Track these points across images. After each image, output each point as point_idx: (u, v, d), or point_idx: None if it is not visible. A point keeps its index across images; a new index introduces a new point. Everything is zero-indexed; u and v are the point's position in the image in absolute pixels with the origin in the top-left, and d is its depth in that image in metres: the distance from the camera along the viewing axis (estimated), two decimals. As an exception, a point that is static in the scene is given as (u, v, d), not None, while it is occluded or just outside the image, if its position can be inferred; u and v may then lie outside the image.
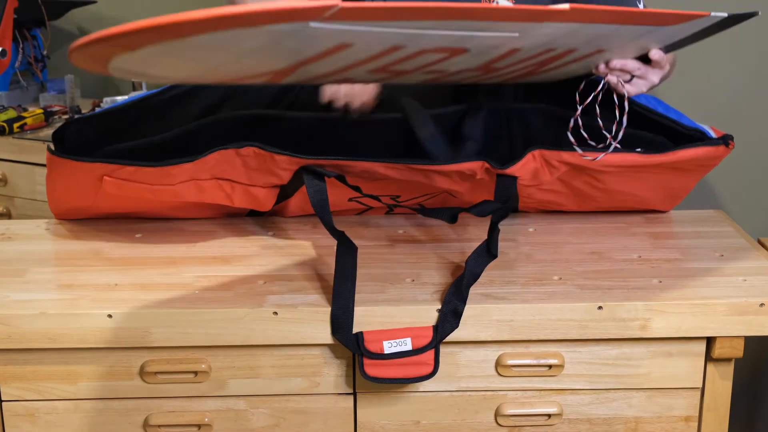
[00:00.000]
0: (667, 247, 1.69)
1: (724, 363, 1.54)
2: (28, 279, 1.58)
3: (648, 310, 1.48)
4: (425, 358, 1.48)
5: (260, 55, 1.24)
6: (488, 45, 1.36)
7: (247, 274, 1.59)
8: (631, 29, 1.42)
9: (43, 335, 1.47)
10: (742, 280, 1.55)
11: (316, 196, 1.55)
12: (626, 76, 1.56)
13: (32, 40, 2.92)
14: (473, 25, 1.27)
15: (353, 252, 1.51)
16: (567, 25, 1.33)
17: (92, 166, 1.60)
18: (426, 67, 1.42)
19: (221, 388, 1.54)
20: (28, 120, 2.65)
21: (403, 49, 1.31)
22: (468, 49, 1.36)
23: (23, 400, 1.54)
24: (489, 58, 1.42)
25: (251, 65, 1.29)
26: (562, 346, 1.53)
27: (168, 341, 1.48)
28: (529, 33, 1.32)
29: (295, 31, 1.16)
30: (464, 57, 1.39)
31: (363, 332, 1.47)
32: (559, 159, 1.60)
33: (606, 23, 1.36)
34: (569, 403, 1.56)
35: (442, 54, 1.36)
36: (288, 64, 1.31)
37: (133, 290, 1.53)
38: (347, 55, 1.31)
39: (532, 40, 1.36)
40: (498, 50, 1.39)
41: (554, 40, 1.38)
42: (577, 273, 1.59)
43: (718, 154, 1.63)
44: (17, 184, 2.62)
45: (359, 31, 1.22)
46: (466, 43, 1.32)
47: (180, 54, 1.18)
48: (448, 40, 1.30)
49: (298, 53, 1.27)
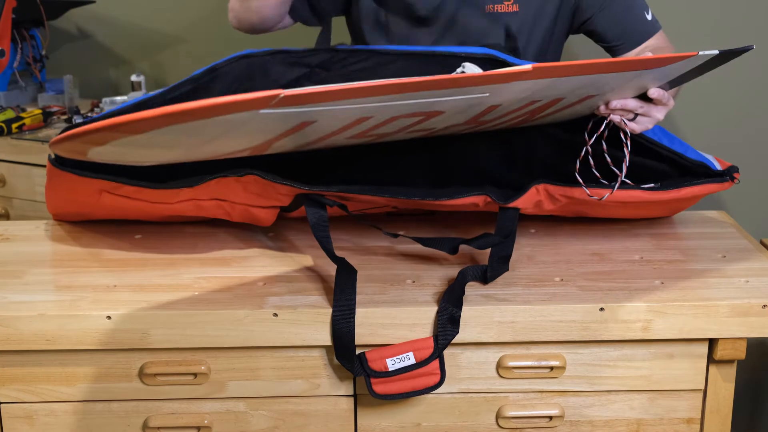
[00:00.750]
0: (669, 248, 1.68)
1: (726, 365, 1.54)
2: (26, 280, 1.57)
3: (650, 312, 1.48)
4: (431, 369, 1.48)
5: (228, 137, 1.25)
6: (462, 106, 1.34)
7: (246, 276, 1.58)
8: (616, 75, 1.40)
9: (42, 337, 1.47)
10: (745, 282, 1.55)
11: (317, 225, 1.55)
12: (629, 114, 1.54)
13: (31, 40, 2.91)
14: (435, 93, 1.25)
15: (353, 276, 1.50)
16: (538, 81, 1.31)
17: (93, 181, 1.60)
18: (409, 128, 1.42)
19: (221, 390, 1.53)
20: (26, 120, 2.64)
21: (372, 118, 1.31)
22: (443, 111, 1.35)
23: (21, 402, 1.54)
24: (469, 116, 1.42)
25: (225, 145, 1.30)
26: (563, 348, 1.52)
27: (167, 343, 1.48)
28: (500, 92, 1.31)
29: (250, 118, 1.17)
30: (443, 117, 1.38)
31: (365, 353, 1.47)
32: (563, 194, 1.59)
33: (579, 75, 1.33)
34: (571, 404, 1.56)
35: (417, 117, 1.35)
36: (261, 141, 1.32)
37: (132, 292, 1.53)
38: (317, 129, 1.31)
39: (508, 96, 1.34)
40: (476, 108, 1.38)
41: (533, 93, 1.36)
42: (578, 274, 1.58)
43: (724, 189, 1.63)
44: (15, 184, 2.62)
45: (315, 111, 1.22)
46: (436, 107, 1.31)
47: (148, 143, 1.20)
48: (415, 107, 1.29)
49: (266, 133, 1.27)
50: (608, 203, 1.62)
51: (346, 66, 1.71)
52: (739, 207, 2.37)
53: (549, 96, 1.39)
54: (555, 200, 1.60)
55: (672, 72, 1.46)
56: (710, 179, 1.63)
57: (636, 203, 1.62)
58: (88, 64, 3.13)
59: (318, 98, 1.17)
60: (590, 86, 1.40)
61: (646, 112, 1.55)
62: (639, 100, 1.54)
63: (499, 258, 1.55)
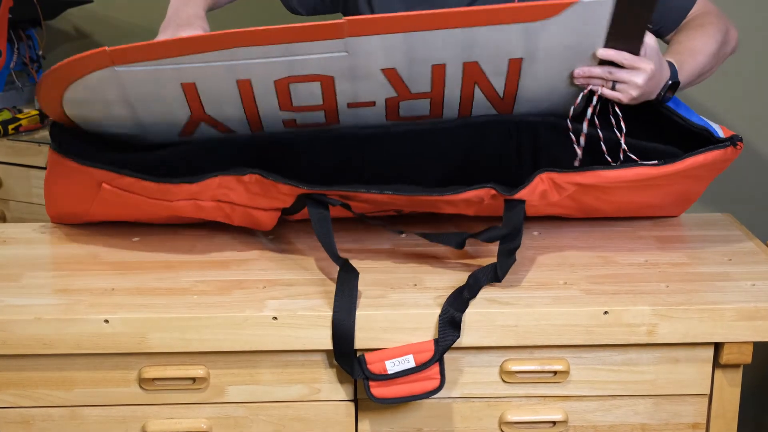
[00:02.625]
0: (674, 251, 1.67)
1: (732, 369, 1.53)
2: (23, 283, 1.56)
3: (655, 315, 1.46)
4: (430, 373, 1.46)
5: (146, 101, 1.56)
6: (340, 68, 1.49)
7: (246, 279, 1.57)
8: (502, 30, 1.46)
9: (39, 341, 1.45)
10: (751, 285, 1.53)
11: (320, 225, 1.53)
12: (603, 83, 1.55)
13: (27, 40, 2.89)
14: (278, 49, 1.45)
15: (355, 278, 1.49)
16: (388, 37, 1.44)
17: (92, 171, 1.58)
18: (322, 107, 1.58)
19: (220, 394, 1.52)
20: (23, 121, 2.63)
21: (253, 81, 1.51)
22: (331, 76, 1.51)
23: (18, 407, 1.52)
24: (375, 87, 1.55)
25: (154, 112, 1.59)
26: (567, 352, 1.51)
27: (166, 347, 1.46)
28: (354, 49, 1.45)
29: (110, 76, 1.49)
30: (349, 86, 1.53)
31: (364, 355, 1.46)
32: (568, 180, 1.57)
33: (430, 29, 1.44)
34: (574, 409, 1.54)
35: (313, 82, 1.52)
36: (185, 112, 1.59)
37: (131, 295, 1.52)
38: (213, 94, 1.54)
39: (368, 59, 1.48)
40: (365, 77, 1.52)
41: (406, 52, 1.47)
42: (582, 277, 1.57)
43: (728, 157, 1.60)
44: (12, 186, 2.60)
45: (172, 68, 1.48)
46: (308, 68, 1.49)
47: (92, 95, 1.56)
48: (277, 70, 1.49)
49: (167, 100, 1.55)
50: (614, 185, 1.59)
51: None
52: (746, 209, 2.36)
53: (429, 58, 1.49)
54: (561, 189, 1.57)
55: (586, 24, 1.47)
56: (711, 146, 1.59)
57: (641, 181, 1.59)
58: (86, 65, 3.11)
59: (148, 52, 1.45)
60: (481, 47, 1.48)
61: (620, 78, 1.54)
62: (604, 66, 1.54)
63: (507, 251, 1.53)
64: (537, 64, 1.54)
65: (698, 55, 1.74)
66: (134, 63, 1.47)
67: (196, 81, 1.51)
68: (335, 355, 1.47)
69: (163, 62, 1.48)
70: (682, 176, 1.60)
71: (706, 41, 1.77)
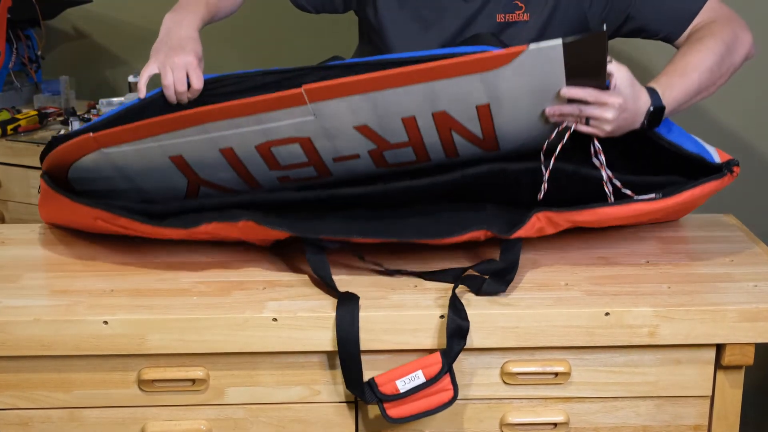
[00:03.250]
0: (675, 251, 1.67)
1: (734, 370, 1.52)
2: (21, 285, 1.56)
3: (656, 317, 1.46)
4: (443, 385, 1.47)
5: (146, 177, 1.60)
6: (316, 130, 1.51)
7: (246, 280, 1.56)
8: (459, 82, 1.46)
9: (37, 342, 1.45)
10: (753, 286, 1.53)
11: (318, 266, 1.53)
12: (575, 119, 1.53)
13: (26, 40, 2.89)
14: (248, 120, 1.48)
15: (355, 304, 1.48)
16: (355, 98, 1.46)
17: (88, 209, 1.59)
18: (310, 163, 1.59)
19: (219, 396, 1.52)
20: (21, 122, 2.62)
21: (237, 148, 1.53)
22: (308, 137, 1.52)
23: (17, 409, 1.52)
24: (351, 143, 1.55)
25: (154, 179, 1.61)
26: (568, 354, 1.51)
27: (165, 348, 1.46)
28: (321, 113, 1.47)
29: (102, 157, 1.54)
30: (327, 143, 1.54)
31: (374, 378, 1.46)
32: (565, 218, 1.57)
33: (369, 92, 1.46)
34: (576, 411, 1.54)
35: (293, 143, 1.53)
36: (182, 180, 1.61)
37: (130, 296, 1.51)
38: (203, 163, 1.56)
39: (336, 121, 1.49)
40: (341, 135, 1.53)
41: (372, 112, 1.49)
42: (583, 278, 1.56)
43: (724, 184, 1.59)
44: (11, 187, 2.60)
45: (156, 145, 1.51)
46: (282, 133, 1.51)
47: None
48: (254, 137, 1.51)
49: (163, 170, 1.58)
50: (610, 220, 1.59)
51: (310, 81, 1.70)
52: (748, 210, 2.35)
53: (399, 111, 1.50)
54: (557, 225, 1.58)
55: (543, 67, 1.46)
56: (707, 178, 1.58)
57: (638, 216, 1.59)
58: (85, 65, 3.11)
59: (129, 133, 1.49)
60: (444, 99, 1.48)
61: (588, 114, 1.52)
62: (574, 104, 1.51)
63: (501, 281, 1.52)
64: (505, 107, 1.52)
65: (691, 73, 1.67)
66: (119, 144, 1.52)
67: (182, 153, 1.54)
68: (346, 383, 1.47)
69: (145, 141, 1.51)
70: (679, 206, 1.60)
71: (702, 56, 1.70)
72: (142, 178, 1.60)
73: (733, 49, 1.73)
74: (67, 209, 1.63)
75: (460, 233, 1.54)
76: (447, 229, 1.56)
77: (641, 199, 1.55)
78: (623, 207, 1.55)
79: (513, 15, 1.86)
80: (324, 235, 1.54)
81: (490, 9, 1.86)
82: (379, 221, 1.59)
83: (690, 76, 1.66)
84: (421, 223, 1.60)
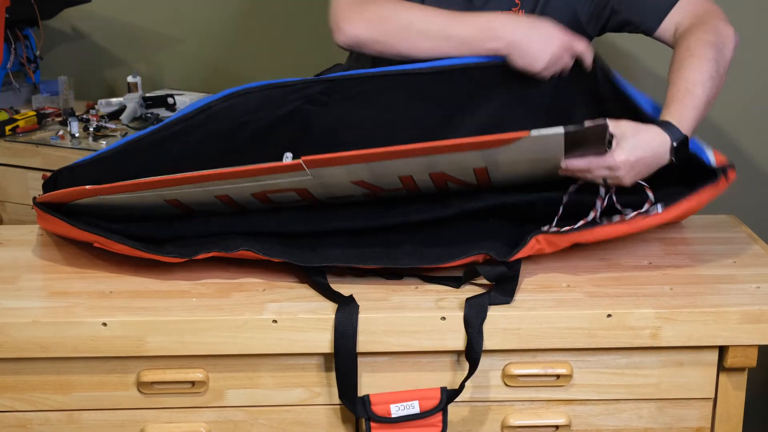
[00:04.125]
0: (678, 253, 1.66)
1: (737, 373, 1.52)
2: (19, 286, 1.56)
3: (658, 318, 1.45)
4: (433, 421, 1.48)
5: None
6: (313, 184, 1.53)
7: (245, 282, 1.56)
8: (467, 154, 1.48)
9: (36, 344, 1.44)
10: (756, 288, 1.52)
11: (321, 289, 1.52)
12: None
13: (25, 40, 2.88)
14: (247, 180, 1.50)
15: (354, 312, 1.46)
16: (354, 167, 1.48)
17: (85, 234, 1.59)
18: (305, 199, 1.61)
19: (219, 398, 1.51)
20: (20, 122, 2.61)
21: (230, 196, 1.56)
22: (305, 188, 1.55)
23: (15, 411, 1.51)
24: (346, 192, 1.59)
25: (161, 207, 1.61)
26: (570, 356, 1.50)
27: (164, 350, 1.46)
28: (320, 176, 1.49)
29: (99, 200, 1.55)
30: (322, 190, 1.57)
31: (369, 395, 1.46)
32: (565, 239, 1.57)
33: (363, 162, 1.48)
34: (578, 414, 1.53)
35: (289, 192, 1.56)
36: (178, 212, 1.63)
37: (129, 298, 1.51)
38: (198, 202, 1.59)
39: (332, 180, 1.52)
40: (334, 187, 1.56)
41: (370, 175, 1.51)
42: (585, 280, 1.56)
43: (720, 189, 1.59)
44: (9, 188, 2.59)
45: (152, 194, 1.53)
46: (269, 187, 1.53)
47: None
48: (251, 189, 1.54)
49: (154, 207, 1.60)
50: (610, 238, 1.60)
51: (349, 89, 1.71)
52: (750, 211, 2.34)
53: (396, 172, 1.52)
54: (556, 246, 1.58)
55: (543, 145, 1.48)
56: (702, 184, 1.58)
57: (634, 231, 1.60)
58: (84, 65, 3.10)
59: (123, 189, 1.51)
60: (443, 164, 1.51)
61: (599, 177, 1.54)
62: (585, 161, 1.52)
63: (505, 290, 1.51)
64: (502, 170, 1.55)
65: (696, 89, 1.63)
66: (115, 194, 1.54)
67: (178, 198, 1.56)
68: (339, 393, 1.47)
69: (143, 192, 1.53)
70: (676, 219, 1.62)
71: (698, 68, 1.66)
72: (141, 210, 1.61)
73: (723, 47, 1.71)
74: (64, 229, 1.63)
75: (459, 258, 1.54)
76: (446, 253, 1.56)
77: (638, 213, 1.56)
78: (620, 225, 1.56)
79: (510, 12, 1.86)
80: (323, 263, 1.55)
81: (491, 9, 1.85)
82: (377, 247, 1.59)
83: (695, 92, 1.63)
84: (418, 250, 1.59)
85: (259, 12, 2.86)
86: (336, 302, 1.47)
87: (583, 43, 1.70)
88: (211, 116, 1.66)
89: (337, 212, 1.65)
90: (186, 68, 3.01)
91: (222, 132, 1.68)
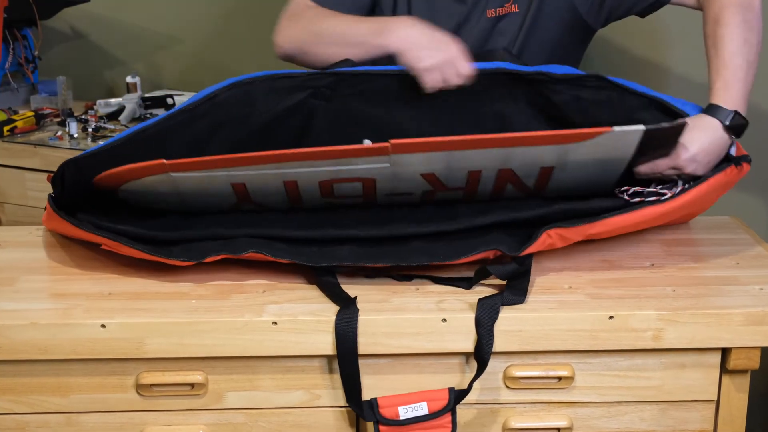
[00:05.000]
0: (680, 254, 1.66)
1: (739, 375, 1.51)
2: (18, 288, 1.55)
3: (661, 320, 1.45)
4: (443, 422, 1.47)
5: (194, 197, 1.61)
6: (386, 175, 1.55)
7: (245, 283, 1.55)
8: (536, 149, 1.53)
9: (34, 346, 1.44)
10: (759, 289, 1.52)
11: (329, 291, 1.52)
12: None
13: (23, 40, 2.88)
14: (326, 163, 1.51)
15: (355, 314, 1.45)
16: (432, 154, 1.51)
17: (91, 235, 1.58)
18: (362, 197, 1.63)
19: (219, 400, 1.50)
20: (18, 123, 2.60)
21: (299, 182, 1.56)
22: (373, 178, 1.57)
23: (13, 414, 1.51)
24: (414, 185, 1.60)
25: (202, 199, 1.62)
26: (572, 358, 1.49)
27: (164, 352, 1.45)
28: (397, 163, 1.51)
29: (165, 179, 1.54)
30: (388, 183, 1.59)
31: (377, 399, 1.46)
32: (577, 233, 1.56)
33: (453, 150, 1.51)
34: (579, 416, 1.53)
35: (358, 182, 1.58)
36: (231, 202, 1.63)
37: (128, 300, 1.50)
38: (262, 190, 1.60)
39: (409, 168, 1.54)
40: (407, 179, 1.57)
41: (444, 165, 1.54)
42: (587, 281, 1.55)
43: (730, 179, 1.61)
44: (7, 189, 2.59)
45: (225, 174, 1.53)
46: (355, 174, 1.55)
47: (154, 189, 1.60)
48: (323, 175, 1.55)
49: (222, 196, 1.61)
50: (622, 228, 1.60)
51: (355, 85, 1.71)
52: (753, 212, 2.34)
53: (466, 166, 1.55)
54: (568, 240, 1.57)
55: (617, 143, 1.53)
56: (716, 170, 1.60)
57: (648, 221, 1.60)
58: (82, 65, 3.10)
59: (207, 165, 1.51)
60: (515, 160, 1.55)
61: (671, 174, 1.60)
62: (650, 165, 1.59)
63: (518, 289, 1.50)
64: (567, 171, 1.58)
65: (734, 60, 1.63)
66: (189, 171, 1.53)
67: (246, 182, 1.57)
68: (347, 398, 1.46)
69: (216, 170, 1.54)
70: (689, 205, 1.61)
71: (730, 36, 1.65)
72: (193, 197, 1.61)
73: (750, 6, 1.69)
74: (72, 231, 1.62)
75: (470, 254, 1.53)
76: (456, 250, 1.55)
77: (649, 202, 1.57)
78: (632, 214, 1.56)
79: (503, 8, 1.87)
80: (332, 263, 1.54)
81: (482, 6, 1.86)
82: (387, 245, 1.58)
83: (732, 64, 1.64)
84: (428, 247, 1.58)
85: (258, 12, 2.86)
86: (338, 304, 1.47)
87: (470, 69, 1.69)
88: (216, 105, 1.66)
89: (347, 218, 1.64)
90: (185, 68, 3.00)
91: (228, 122, 1.68)
